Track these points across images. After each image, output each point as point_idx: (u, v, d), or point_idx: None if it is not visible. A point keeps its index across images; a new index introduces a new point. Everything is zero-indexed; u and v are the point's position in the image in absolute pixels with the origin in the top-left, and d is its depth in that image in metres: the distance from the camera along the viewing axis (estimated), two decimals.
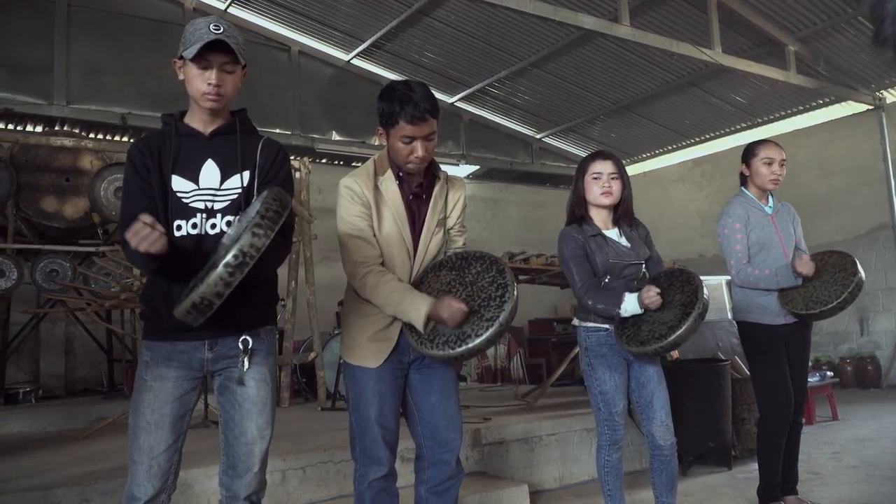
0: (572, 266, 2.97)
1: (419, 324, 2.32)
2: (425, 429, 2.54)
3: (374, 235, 2.47)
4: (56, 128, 7.59)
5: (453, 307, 2.27)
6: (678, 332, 2.67)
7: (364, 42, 9.41)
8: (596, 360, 2.97)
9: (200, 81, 2.05)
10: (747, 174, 3.59)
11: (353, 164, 10.20)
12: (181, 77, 2.11)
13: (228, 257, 1.74)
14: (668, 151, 11.57)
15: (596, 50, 8.97)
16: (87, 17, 7.96)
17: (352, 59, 9.84)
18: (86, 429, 4.91)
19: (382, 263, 2.46)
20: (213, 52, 2.02)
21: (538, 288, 6.23)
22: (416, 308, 2.33)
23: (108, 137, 8.23)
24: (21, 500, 2.86)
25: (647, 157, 11.82)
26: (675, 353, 5.29)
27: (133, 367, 6.74)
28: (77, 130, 7.69)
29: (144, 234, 1.80)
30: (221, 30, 2.02)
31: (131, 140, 8.28)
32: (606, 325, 2.97)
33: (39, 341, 7.12)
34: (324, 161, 9.98)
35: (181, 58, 2.08)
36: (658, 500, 3.03)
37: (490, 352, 9.12)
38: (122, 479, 3.04)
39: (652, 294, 2.77)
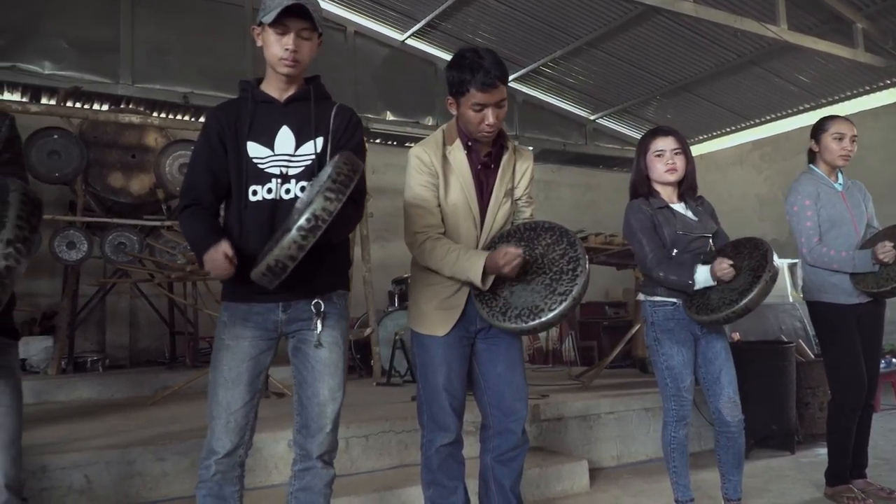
0: (642, 237, 2.94)
1: (477, 278, 2.33)
2: (491, 398, 2.56)
3: (440, 205, 2.49)
4: (121, 106, 7.79)
5: (509, 252, 2.27)
6: (749, 297, 2.63)
7: (419, 22, 9.39)
8: (663, 334, 2.94)
9: (278, 47, 2.08)
10: (816, 150, 3.50)
11: (407, 144, 10.22)
12: (259, 43, 2.14)
13: (301, 220, 1.78)
14: (727, 133, 11.29)
15: (654, 28, 8.78)
16: None
17: (406, 38, 9.84)
18: (152, 396, 5.08)
19: (444, 233, 2.48)
20: (292, 17, 2.04)
21: (591, 270, 6.18)
22: (473, 264, 2.34)
23: (171, 116, 8.42)
24: (101, 456, 2.98)
25: (705, 139, 11.56)
26: (736, 335, 5.20)
27: (193, 339, 6.92)
28: (141, 109, 7.88)
29: (221, 266, 1.91)
30: None
31: (193, 118, 8.47)
32: (673, 299, 2.94)
33: (105, 313, 7.35)
34: (377, 141, 10.03)
35: (260, 24, 2.10)
36: (724, 478, 2.99)
37: (542, 333, 9.10)
38: (194, 440, 3.18)
39: (725, 266, 2.73)
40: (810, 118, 9.77)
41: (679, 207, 3.05)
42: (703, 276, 2.79)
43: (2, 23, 7.35)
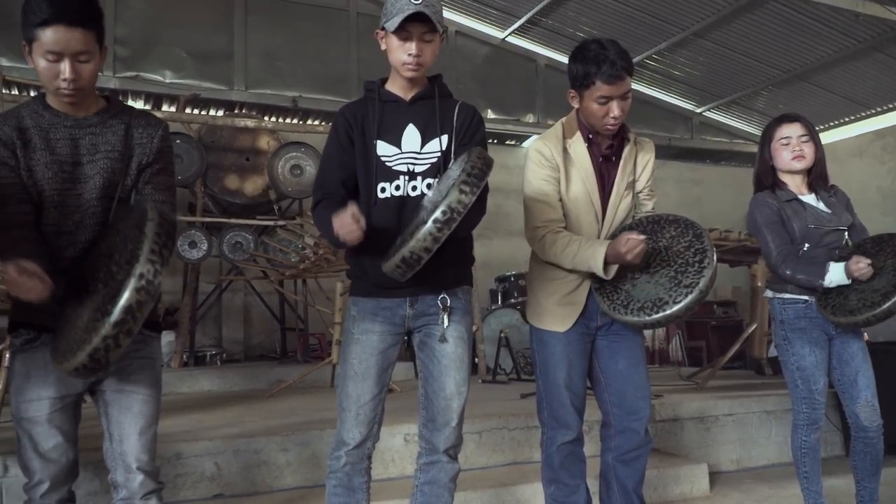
0: (766, 233, 2.81)
1: (599, 267, 2.28)
2: (613, 396, 2.51)
3: (561, 199, 2.46)
4: (235, 111, 8.15)
5: (630, 239, 2.22)
6: (894, 299, 2.46)
7: (519, 19, 9.34)
8: (793, 333, 2.81)
9: (401, 52, 2.10)
10: None
11: (507, 142, 10.20)
12: (383, 47, 2.17)
13: (437, 213, 1.80)
14: (845, 123, 10.68)
15: (766, 15, 8.39)
16: (263, 6, 8.45)
17: (507, 36, 9.81)
18: (268, 389, 5.27)
19: (565, 228, 2.45)
20: (413, 22, 2.06)
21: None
22: (595, 252, 2.30)
23: (281, 119, 8.73)
24: (229, 445, 3.12)
25: (821, 130, 10.97)
26: (864, 335, 4.91)
27: (304, 335, 7.15)
28: (254, 113, 8.22)
29: (348, 227, 1.91)
30: (421, 0, 2.05)
31: (301, 121, 8.75)
32: (805, 297, 2.80)
33: (222, 309, 7.71)
34: None
35: (383, 28, 2.13)
36: (859, 485, 2.84)
37: (648, 332, 8.88)
38: (314, 432, 3.28)
39: (862, 266, 2.57)
40: None
41: (809, 199, 2.90)
42: (836, 274, 2.64)
43: (126, 35, 7.81)
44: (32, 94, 6.59)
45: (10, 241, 1.77)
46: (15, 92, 6.54)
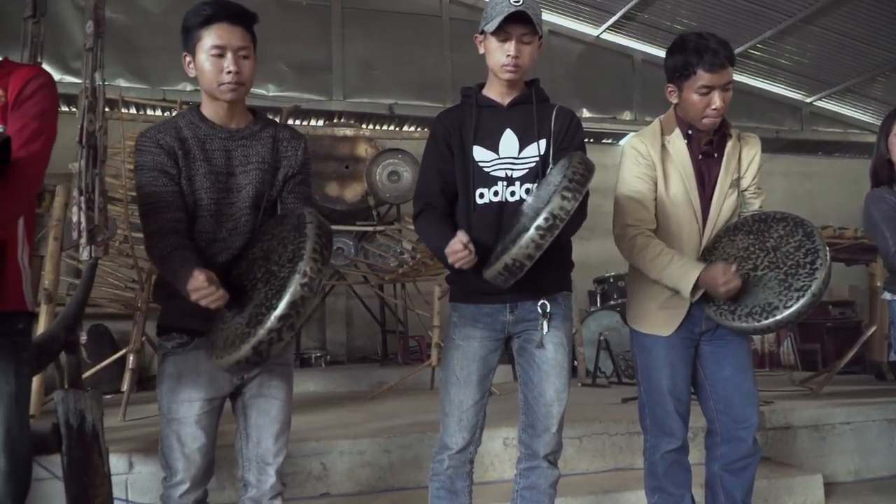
0: (884, 228, 2.67)
1: (688, 289, 2.23)
2: (718, 403, 2.44)
3: (658, 198, 2.40)
4: (334, 121, 8.40)
5: (729, 271, 2.15)
6: None
7: (614, 14, 9.18)
8: None
9: (500, 53, 2.12)
10: None
11: (603, 140, 10.04)
12: (481, 51, 2.19)
13: (539, 220, 1.80)
14: None
15: None
16: (358, 17, 8.68)
17: (601, 33, 9.66)
18: (370, 391, 5.39)
19: (656, 230, 2.39)
20: (512, 24, 2.07)
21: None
22: (688, 272, 2.23)
23: (378, 127, 8.93)
24: (334, 446, 3.21)
25: None
26: None
27: (404, 338, 7.27)
28: (352, 122, 8.45)
29: (460, 256, 1.93)
30: (521, 1, 2.06)
31: (397, 128, 8.93)
32: None
33: (325, 313, 7.94)
34: None
35: (482, 32, 2.16)
36: None
37: (757, 335, 8.52)
38: (414, 435, 3.33)
39: None
40: None
41: None
42: None
43: None
44: (149, 112, 7.05)
45: (170, 247, 1.87)
46: (133, 111, 6.97)
